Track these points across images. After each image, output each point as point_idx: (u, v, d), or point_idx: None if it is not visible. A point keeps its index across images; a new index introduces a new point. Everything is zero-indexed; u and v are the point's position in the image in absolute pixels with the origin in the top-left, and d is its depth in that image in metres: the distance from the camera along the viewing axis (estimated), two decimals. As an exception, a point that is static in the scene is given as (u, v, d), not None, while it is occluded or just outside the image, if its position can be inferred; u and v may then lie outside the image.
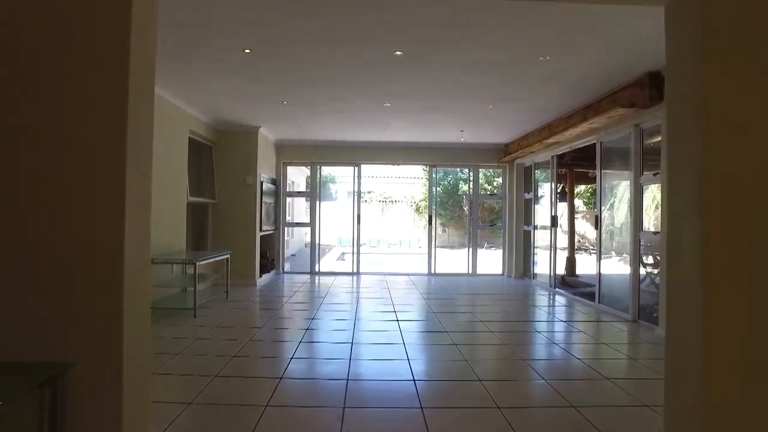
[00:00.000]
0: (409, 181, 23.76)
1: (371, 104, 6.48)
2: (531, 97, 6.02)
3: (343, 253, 16.75)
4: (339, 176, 23.20)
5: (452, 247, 20.70)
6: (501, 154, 9.90)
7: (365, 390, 3.39)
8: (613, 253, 7.11)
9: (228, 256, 6.86)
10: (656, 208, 8.47)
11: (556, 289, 8.04)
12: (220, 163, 8.33)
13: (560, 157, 8.26)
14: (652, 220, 6.19)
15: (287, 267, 10.57)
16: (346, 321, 5.56)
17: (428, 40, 4.17)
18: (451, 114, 7.06)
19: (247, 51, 4.49)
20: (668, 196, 2.56)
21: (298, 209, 15.69)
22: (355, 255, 10.14)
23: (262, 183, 8.59)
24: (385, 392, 3.36)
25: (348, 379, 3.54)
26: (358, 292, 7.66)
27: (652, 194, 9.56)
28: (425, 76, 5.25)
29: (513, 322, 5.75)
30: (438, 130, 8.47)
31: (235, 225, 8.30)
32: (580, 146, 7.29)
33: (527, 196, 9.70)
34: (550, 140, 7.44)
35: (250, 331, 5.00)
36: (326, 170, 23.75)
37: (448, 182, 20.48)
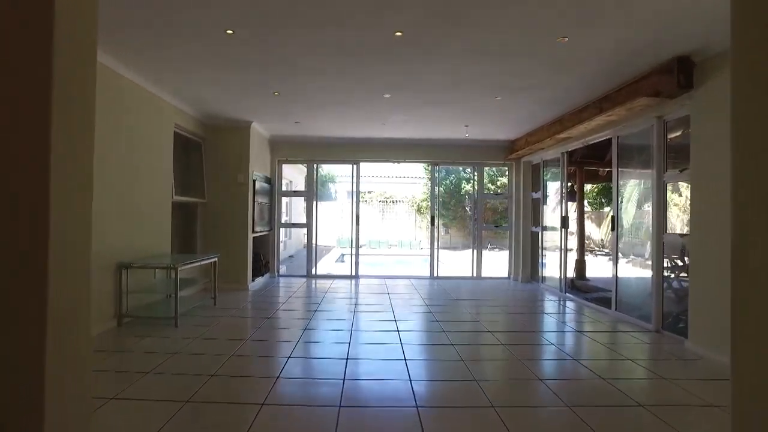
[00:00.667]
0: (411, 181, 23.32)
1: (369, 95, 6.00)
2: (542, 87, 5.54)
3: (343, 255, 16.27)
4: (339, 176, 22.77)
5: (455, 248, 20.24)
6: (507, 151, 9.42)
7: (360, 419, 2.90)
8: (631, 256, 6.62)
9: (215, 259, 6.38)
10: (682, 209, 8.01)
11: (567, 294, 7.56)
12: (211, 161, 7.86)
13: (570, 154, 7.77)
14: (675, 221, 5.69)
15: (283, 270, 10.09)
16: (342, 332, 5.07)
17: (433, 16, 3.69)
18: (454, 108, 6.57)
19: (229, 32, 4.01)
20: (734, 187, 2.06)
21: (296, 210, 15.24)
22: (354, 257, 9.65)
23: (255, 182, 8.11)
24: (385, 421, 2.88)
25: (341, 406, 3.06)
26: (355, 298, 7.18)
27: (676, 193, 9.11)
28: (427, 65, 4.77)
29: (525, 333, 5.26)
30: (440, 126, 7.98)
31: (226, 226, 7.83)
32: (594, 142, 6.80)
33: (535, 195, 9.21)
34: (562, 135, 6.95)
35: (233, 344, 4.51)
36: (325, 169, 23.30)
37: (451, 182, 20.01)
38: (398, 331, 5.13)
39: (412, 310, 6.32)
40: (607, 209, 18.12)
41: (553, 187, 8.62)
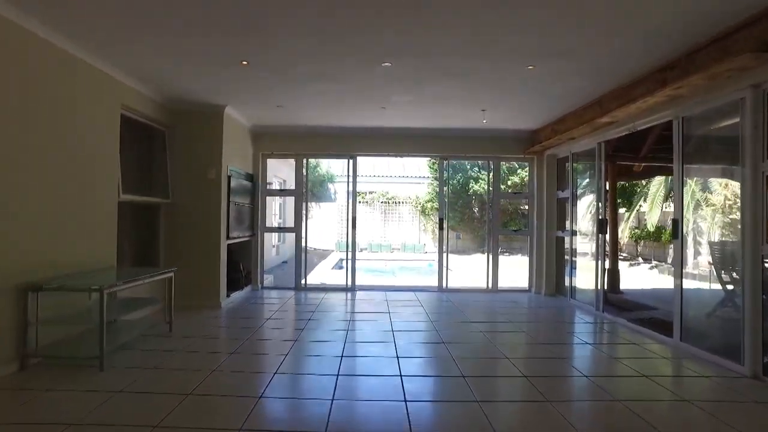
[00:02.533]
0: (415, 181, 22.01)
1: (365, 66, 4.69)
2: (588, 52, 4.24)
3: (341, 260, 14.94)
4: (338, 175, 21.50)
5: (461, 252, 18.91)
6: (527, 143, 8.10)
7: None
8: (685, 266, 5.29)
9: (171, 274, 5.07)
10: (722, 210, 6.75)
11: (604, 312, 6.22)
12: (177, 153, 6.56)
13: (608, 144, 6.43)
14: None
15: (269, 280, 8.78)
16: (326, 378, 3.75)
17: None
18: (470, 83, 5.26)
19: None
20: None
21: (292, 211, 13.90)
22: (350, 266, 8.34)
23: (230, 178, 6.81)
24: None
25: None
26: (348, 321, 5.85)
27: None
28: (437, 17, 3.46)
29: (571, 379, 3.92)
30: (450, 112, 6.67)
31: (194, 231, 6.53)
32: (646, 126, 5.46)
33: (561, 194, 7.88)
34: (602, 120, 5.63)
35: (172, 401, 3.20)
36: (323, 168, 22.01)
37: (458, 181, 18.69)
38: (401, 376, 3.81)
39: (419, 340, 5.00)
40: (622, 210, 16.77)
41: (586, 185, 7.30)
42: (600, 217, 6.42)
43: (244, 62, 4.63)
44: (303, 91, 5.67)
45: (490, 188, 8.56)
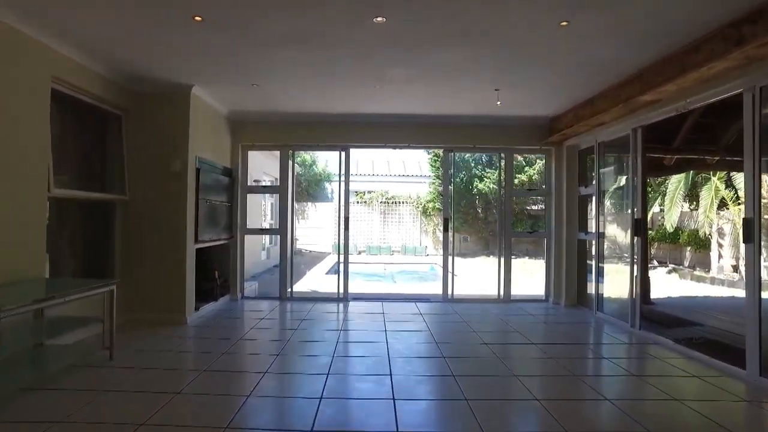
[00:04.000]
0: (416, 180, 21.03)
1: (350, 18, 3.68)
2: (634, 1, 3.23)
3: (339, 263, 14.02)
4: (336, 174, 20.48)
5: (465, 255, 17.89)
6: (544, 132, 7.09)
7: None
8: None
9: (111, 288, 4.06)
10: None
11: (641, 330, 5.20)
12: (135, 142, 5.56)
13: (646, 130, 5.40)
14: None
15: (251, 288, 7.77)
16: (295, 432, 2.75)
17: None
18: (479, 51, 4.26)
19: None
20: None
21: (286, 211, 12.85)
22: (342, 272, 7.32)
23: (199, 171, 5.80)
24: None
25: None
26: (336, 342, 4.83)
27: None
28: None
29: None
30: (457, 91, 5.66)
31: (155, 233, 5.53)
32: (703, 103, 4.44)
33: (584, 191, 6.87)
34: (645, 97, 4.63)
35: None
36: (320, 165, 20.99)
37: (461, 180, 17.66)
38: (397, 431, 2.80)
39: (422, 371, 3.98)
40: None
41: (615, 180, 6.29)
42: (636, 217, 5.40)
43: (198, 17, 3.62)
44: (279, 62, 4.66)
45: (502, 184, 7.53)
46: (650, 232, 16.49)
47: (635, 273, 5.38)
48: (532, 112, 6.66)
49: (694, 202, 13.93)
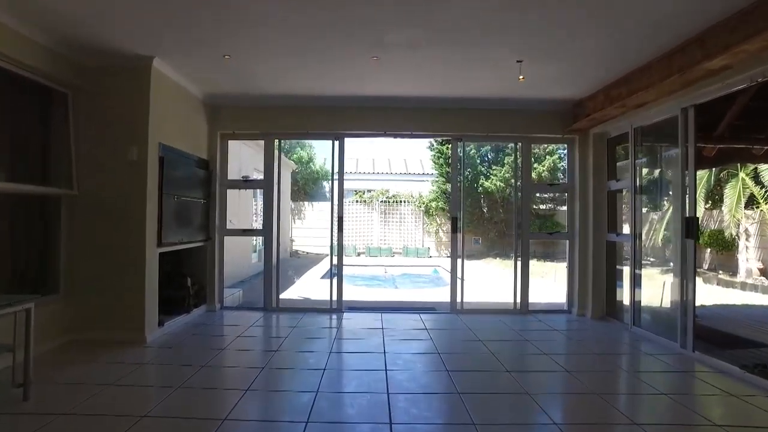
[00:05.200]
0: (418, 179, 20.12)
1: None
2: None
3: (332, 268, 13.13)
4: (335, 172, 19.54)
5: (470, 257, 16.93)
6: (567, 119, 6.17)
7: None
8: None
9: (29, 306, 3.12)
10: None
11: (695, 353, 4.28)
12: (84, 125, 4.64)
13: (701, 110, 4.46)
14: None
15: (234, 297, 6.84)
16: None
17: None
18: (504, 3, 3.34)
19: None
20: None
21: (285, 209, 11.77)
22: (336, 279, 6.40)
23: (163, 160, 4.88)
24: None
25: None
26: (324, 371, 3.88)
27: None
28: None
29: None
30: (468, 65, 4.73)
31: (108, 235, 4.61)
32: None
33: (615, 185, 5.96)
34: (709, 64, 3.70)
35: None
36: (317, 163, 20.06)
37: (465, 177, 16.66)
38: None
39: (433, 417, 3.05)
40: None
41: (656, 171, 5.37)
42: (686, 215, 4.47)
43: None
44: (253, 23, 3.75)
45: (518, 177, 6.60)
46: (665, 232, 15.55)
47: (686, 284, 4.45)
48: (554, 94, 5.74)
49: (710, 201, 12.97)
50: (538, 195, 16.42)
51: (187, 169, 5.55)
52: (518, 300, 6.39)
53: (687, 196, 4.49)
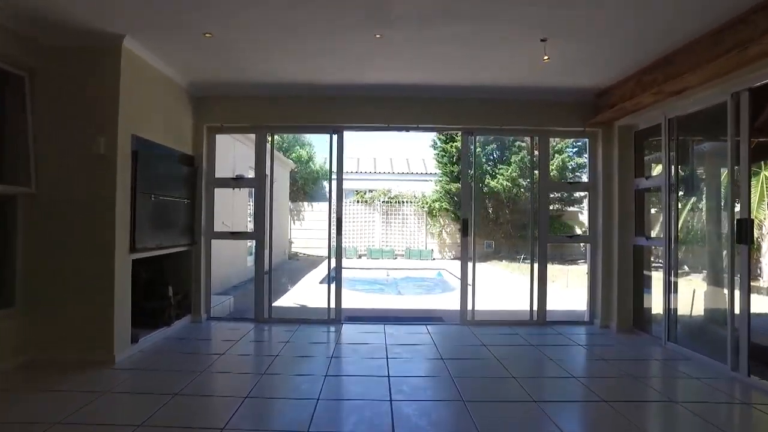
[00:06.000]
0: (421, 179, 19.54)
1: None
2: None
3: (330, 274, 12.51)
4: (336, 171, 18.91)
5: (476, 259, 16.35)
6: (588, 110, 5.59)
7: None
8: None
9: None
10: None
11: (751, 377, 3.68)
12: (44, 113, 4.05)
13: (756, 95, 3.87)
14: None
15: (224, 305, 6.26)
16: None
17: None
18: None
19: None
20: None
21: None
22: (334, 287, 5.81)
23: (137, 155, 4.29)
24: None
25: None
26: (317, 402, 3.28)
27: None
28: None
29: None
30: (483, 44, 4.14)
31: (72, 240, 4.02)
32: None
33: (644, 183, 5.36)
34: (775, 38, 3.10)
35: None
36: (318, 162, 19.43)
37: (470, 177, 16.08)
38: None
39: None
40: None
41: (697, 166, 4.78)
42: (739, 217, 3.87)
43: None
44: (234, -10, 3.17)
45: (535, 175, 6.01)
46: (706, 235, 14.93)
47: (737, 296, 3.85)
48: (576, 82, 5.15)
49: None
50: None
51: (168, 165, 4.97)
52: (535, 310, 5.79)
53: (738, 195, 3.88)
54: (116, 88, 4.02)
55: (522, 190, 15.80)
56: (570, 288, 9.92)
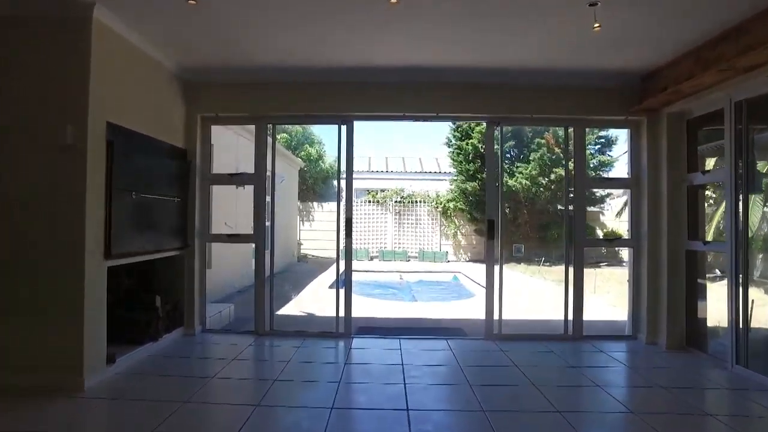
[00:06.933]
0: (435, 178, 18.89)
1: None
2: None
3: (339, 280, 11.86)
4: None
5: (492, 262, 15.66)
6: (632, 96, 4.90)
7: None
8: None
9: None
10: None
11: None
12: (8, 102, 3.47)
13: None
14: None
15: (224, 313, 5.67)
16: None
17: None
18: None
19: None
20: None
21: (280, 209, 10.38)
22: (344, 294, 5.17)
23: (112, 146, 3.68)
24: None
25: None
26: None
27: None
28: None
29: None
30: (514, 14, 3.48)
31: (34, 244, 3.43)
32: None
33: (698, 179, 4.65)
34: None
35: None
36: (328, 160, 18.80)
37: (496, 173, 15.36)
38: None
39: None
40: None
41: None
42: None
43: None
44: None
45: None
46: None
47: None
48: (619, 63, 4.47)
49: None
50: (559, 194, 15.07)
51: (154, 158, 4.37)
52: (570, 323, 5.10)
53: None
54: (85, 68, 3.41)
55: (541, 189, 15.06)
56: (598, 293, 9.20)
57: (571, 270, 5.15)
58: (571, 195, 5.30)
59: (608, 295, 9.09)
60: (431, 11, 3.43)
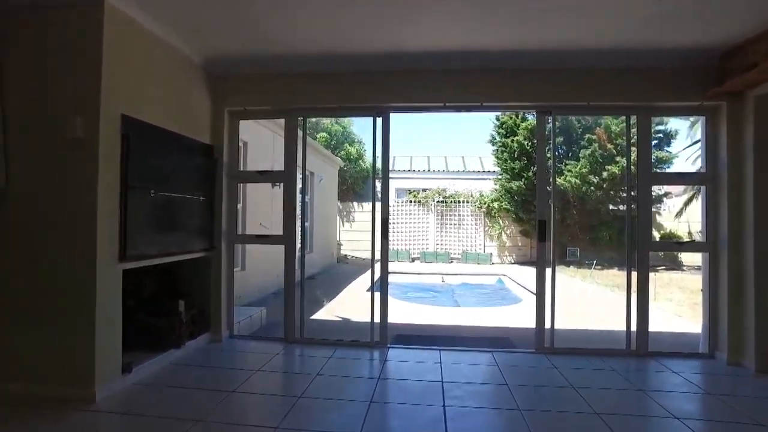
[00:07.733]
0: (479, 177, 18.25)
1: None
2: None
3: (374, 285, 11.47)
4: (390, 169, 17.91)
5: (525, 262, 14.91)
6: (706, 78, 4.24)
7: None
8: None
9: None
10: None
11: None
12: (14, 89, 3.27)
13: None
14: None
15: (252, 320, 5.40)
16: None
17: None
18: None
19: None
20: None
21: (321, 209, 10.22)
22: (380, 299, 4.76)
23: (128, 139, 3.43)
24: None
25: None
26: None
27: None
28: None
29: None
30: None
31: (43, 245, 3.21)
32: None
33: (796, 171, 3.95)
34: None
35: None
36: (368, 159, 18.51)
37: (533, 173, 14.58)
38: None
39: None
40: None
41: None
42: None
43: None
44: None
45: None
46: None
47: None
48: (693, 39, 3.84)
49: None
50: (612, 192, 14.12)
51: (175, 154, 4.11)
52: (633, 337, 4.49)
53: None
54: (97, 54, 3.16)
55: (592, 188, 14.16)
56: (658, 300, 8.41)
57: (634, 275, 4.54)
58: (633, 193, 4.69)
59: (670, 303, 8.30)
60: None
